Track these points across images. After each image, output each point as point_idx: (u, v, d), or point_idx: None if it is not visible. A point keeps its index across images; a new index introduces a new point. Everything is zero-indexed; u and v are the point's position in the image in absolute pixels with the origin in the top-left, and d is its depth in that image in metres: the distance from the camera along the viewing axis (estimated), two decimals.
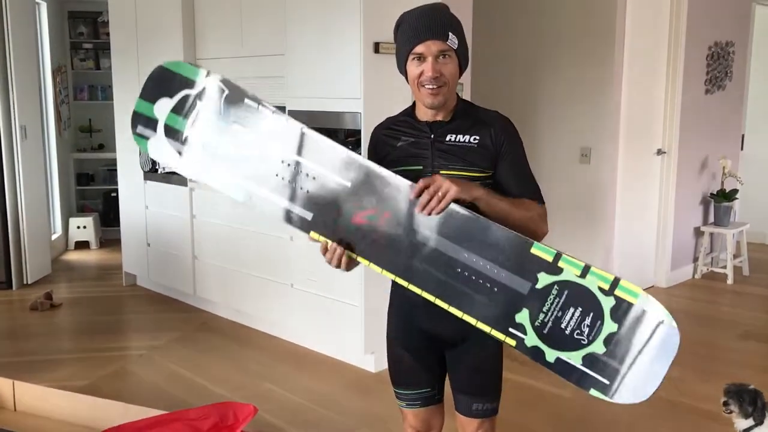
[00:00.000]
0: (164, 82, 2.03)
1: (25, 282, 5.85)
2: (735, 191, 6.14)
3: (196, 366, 4.20)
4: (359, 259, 1.91)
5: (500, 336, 1.71)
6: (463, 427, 2.13)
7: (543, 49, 5.46)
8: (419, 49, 1.89)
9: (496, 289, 1.77)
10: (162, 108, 2.03)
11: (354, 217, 1.89)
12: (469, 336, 1.99)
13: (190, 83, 2.01)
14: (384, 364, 4.04)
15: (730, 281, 6.04)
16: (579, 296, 1.72)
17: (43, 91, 6.86)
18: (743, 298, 5.75)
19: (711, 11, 5.90)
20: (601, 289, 1.71)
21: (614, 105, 5.12)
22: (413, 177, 1.88)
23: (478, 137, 1.95)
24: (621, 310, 1.69)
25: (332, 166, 1.91)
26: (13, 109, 5.64)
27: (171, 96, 2.01)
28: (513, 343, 1.70)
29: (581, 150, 5.28)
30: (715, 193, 6.17)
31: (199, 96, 1.99)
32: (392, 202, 1.87)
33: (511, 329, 1.71)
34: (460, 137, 1.96)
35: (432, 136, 1.97)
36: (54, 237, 6.92)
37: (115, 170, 6.00)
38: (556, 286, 1.74)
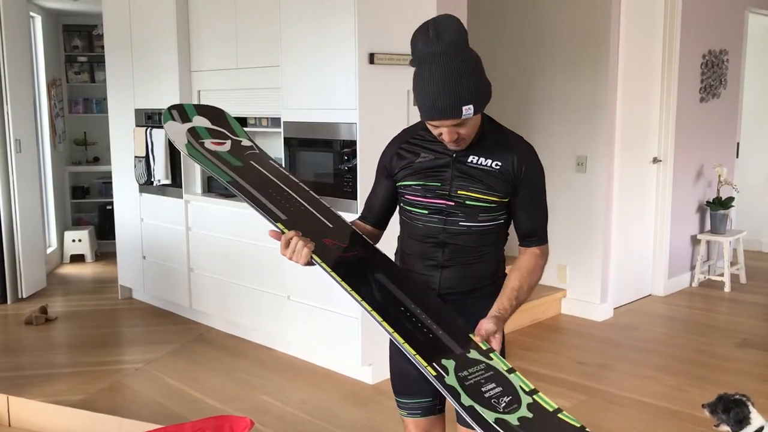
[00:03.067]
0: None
1: (19, 296, 5.82)
2: (731, 199, 6.15)
3: (192, 379, 4.17)
4: (322, 264, 1.87)
5: (423, 363, 1.71)
6: None
7: (538, 56, 5.47)
8: (435, 123, 1.83)
9: (431, 336, 1.80)
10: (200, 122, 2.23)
11: (325, 238, 1.93)
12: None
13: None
14: (381, 376, 4.05)
15: (727, 289, 6.04)
16: (501, 381, 1.76)
17: (38, 104, 6.86)
18: (741, 306, 5.74)
19: (705, 19, 5.92)
20: (522, 388, 1.75)
21: (609, 113, 5.12)
22: (431, 192, 1.95)
23: (500, 163, 1.92)
24: (537, 407, 1.71)
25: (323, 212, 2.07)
26: (8, 122, 5.63)
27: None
28: (433, 373, 1.70)
29: (577, 158, 5.29)
30: (711, 201, 6.17)
31: None
32: (365, 246, 2.03)
33: (435, 364, 1.73)
34: (482, 160, 1.92)
35: (454, 155, 1.94)
36: (49, 250, 6.90)
37: (111, 183, 5.99)
38: (483, 364, 1.78)
